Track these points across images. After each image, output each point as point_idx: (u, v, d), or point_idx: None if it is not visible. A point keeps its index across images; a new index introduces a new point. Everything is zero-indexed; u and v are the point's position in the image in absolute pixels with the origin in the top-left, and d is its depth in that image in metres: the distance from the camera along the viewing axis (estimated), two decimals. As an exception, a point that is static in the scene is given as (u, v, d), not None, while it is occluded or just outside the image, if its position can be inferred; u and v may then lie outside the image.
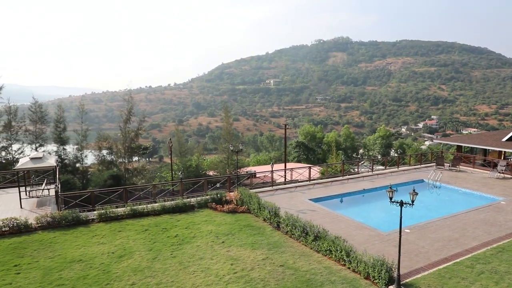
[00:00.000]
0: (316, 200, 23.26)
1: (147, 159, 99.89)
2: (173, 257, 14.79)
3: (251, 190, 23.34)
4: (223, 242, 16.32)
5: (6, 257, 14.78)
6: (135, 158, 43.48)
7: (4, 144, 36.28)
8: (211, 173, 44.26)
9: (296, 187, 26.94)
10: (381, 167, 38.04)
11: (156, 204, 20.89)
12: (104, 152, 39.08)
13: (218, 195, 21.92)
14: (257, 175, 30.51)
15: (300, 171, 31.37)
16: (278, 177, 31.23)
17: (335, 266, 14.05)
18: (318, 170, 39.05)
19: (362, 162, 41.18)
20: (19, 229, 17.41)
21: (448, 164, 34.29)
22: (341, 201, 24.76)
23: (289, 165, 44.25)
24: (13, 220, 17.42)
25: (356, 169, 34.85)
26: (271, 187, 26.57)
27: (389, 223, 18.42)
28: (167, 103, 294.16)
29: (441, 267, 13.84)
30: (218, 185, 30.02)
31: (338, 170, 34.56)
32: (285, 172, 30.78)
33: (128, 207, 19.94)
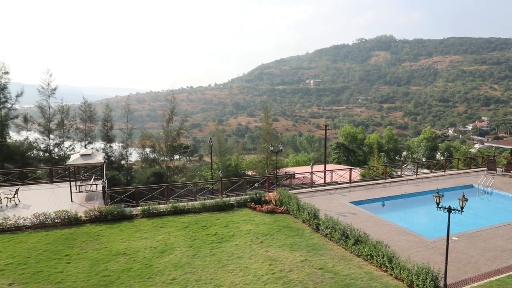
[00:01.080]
0: (357, 203, 22.70)
1: (188, 157, 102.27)
2: (212, 254, 15.01)
3: (290, 191, 23.22)
4: (261, 242, 16.33)
5: (58, 246, 15.68)
6: (176, 157, 44.65)
7: (57, 141, 38.55)
8: (250, 173, 44.52)
9: (336, 189, 26.47)
10: (426, 170, 36.50)
11: (197, 202, 21.28)
12: (147, 150, 40.49)
13: (257, 195, 21.99)
14: (296, 176, 30.28)
15: (340, 173, 30.78)
16: (318, 178, 30.84)
17: (376, 271, 13.63)
18: (359, 172, 38.11)
19: (405, 165, 39.70)
20: (70, 221, 18.42)
21: (501, 169, 32.26)
22: (383, 205, 24.02)
23: (329, 166, 43.57)
24: (64, 212, 18.47)
25: (399, 172, 33.66)
26: (310, 189, 26.27)
27: (434, 230, 17.65)
28: (207, 103, 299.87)
29: (492, 279, 13.02)
30: (256, 185, 30.13)
31: (380, 173, 33.56)
32: (324, 174, 30.35)
33: (169, 204, 20.49)
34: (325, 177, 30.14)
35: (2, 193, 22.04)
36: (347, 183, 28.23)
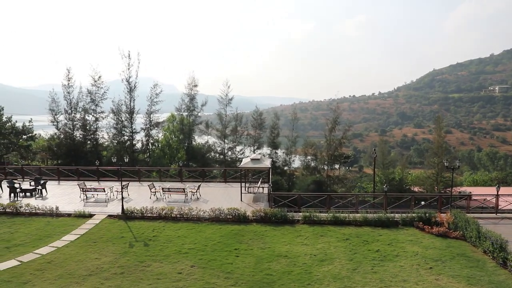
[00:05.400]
0: None
1: (348, 167, 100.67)
2: (373, 272, 14.19)
3: (467, 214, 20.15)
4: (431, 268, 14.61)
5: (229, 240, 17.45)
6: (336, 166, 44.52)
7: (231, 145, 43.35)
8: (416, 189, 40.90)
9: (531, 218, 21.68)
10: None
11: (358, 214, 20.60)
12: (309, 158, 41.56)
13: (427, 215, 19.83)
14: (474, 198, 26.17)
15: (538, 199, 25.06)
16: (504, 203, 25.88)
17: None
18: None
19: None
20: (239, 219, 20.29)
21: None
22: None
23: (520, 190, 36.19)
24: (235, 210, 20.49)
25: None
26: (494, 214, 22.27)
27: None
28: (370, 113, 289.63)
29: None
30: (423, 203, 27.33)
31: None
32: (514, 198, 25.23)
33: (330, 214, 20.40)
34: (514, 202, 25.03)
35: (188, 187, 25.92)
36: (547, 212, 22.83)
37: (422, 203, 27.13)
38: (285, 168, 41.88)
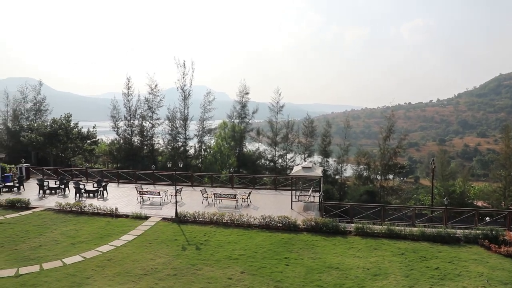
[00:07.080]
0: None
1: (402, 178, 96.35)
2: (432, 291, 13.35)
3: (541, 234, 18.36)
4: (498, 290, 13.45)
5: (279, 248, 17.31)
6: (390, 176, 42.81)
7: (281, 153, 43.32)
8: (479, 203, 38.12)
9: None
10: None
11: (415, 228, 19.52)
12: (361, 167, 40.36)
13: (493, 232, 18.31)
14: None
15: None
16: None
17: None
18: None
19: None
20: (289, 227, 20.08)
21: None
22: None
23: None
24: (285, 218, 20.31)
25: None
26: None
27: None
28: (427, 121, 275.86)
29: None
30: (487, 219, 25.35)
31: None
32: None
33: (384, 226, 19.54)
34: None
35: (239, 194, 26.20)
36: None
37: (487, 219, 25.22)
38: (337, 177, 41.01)
